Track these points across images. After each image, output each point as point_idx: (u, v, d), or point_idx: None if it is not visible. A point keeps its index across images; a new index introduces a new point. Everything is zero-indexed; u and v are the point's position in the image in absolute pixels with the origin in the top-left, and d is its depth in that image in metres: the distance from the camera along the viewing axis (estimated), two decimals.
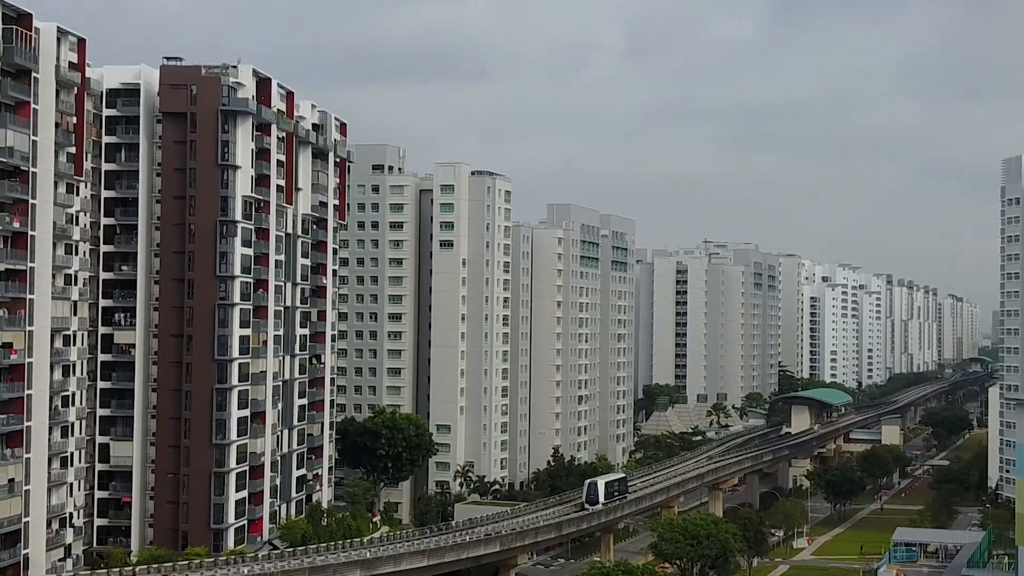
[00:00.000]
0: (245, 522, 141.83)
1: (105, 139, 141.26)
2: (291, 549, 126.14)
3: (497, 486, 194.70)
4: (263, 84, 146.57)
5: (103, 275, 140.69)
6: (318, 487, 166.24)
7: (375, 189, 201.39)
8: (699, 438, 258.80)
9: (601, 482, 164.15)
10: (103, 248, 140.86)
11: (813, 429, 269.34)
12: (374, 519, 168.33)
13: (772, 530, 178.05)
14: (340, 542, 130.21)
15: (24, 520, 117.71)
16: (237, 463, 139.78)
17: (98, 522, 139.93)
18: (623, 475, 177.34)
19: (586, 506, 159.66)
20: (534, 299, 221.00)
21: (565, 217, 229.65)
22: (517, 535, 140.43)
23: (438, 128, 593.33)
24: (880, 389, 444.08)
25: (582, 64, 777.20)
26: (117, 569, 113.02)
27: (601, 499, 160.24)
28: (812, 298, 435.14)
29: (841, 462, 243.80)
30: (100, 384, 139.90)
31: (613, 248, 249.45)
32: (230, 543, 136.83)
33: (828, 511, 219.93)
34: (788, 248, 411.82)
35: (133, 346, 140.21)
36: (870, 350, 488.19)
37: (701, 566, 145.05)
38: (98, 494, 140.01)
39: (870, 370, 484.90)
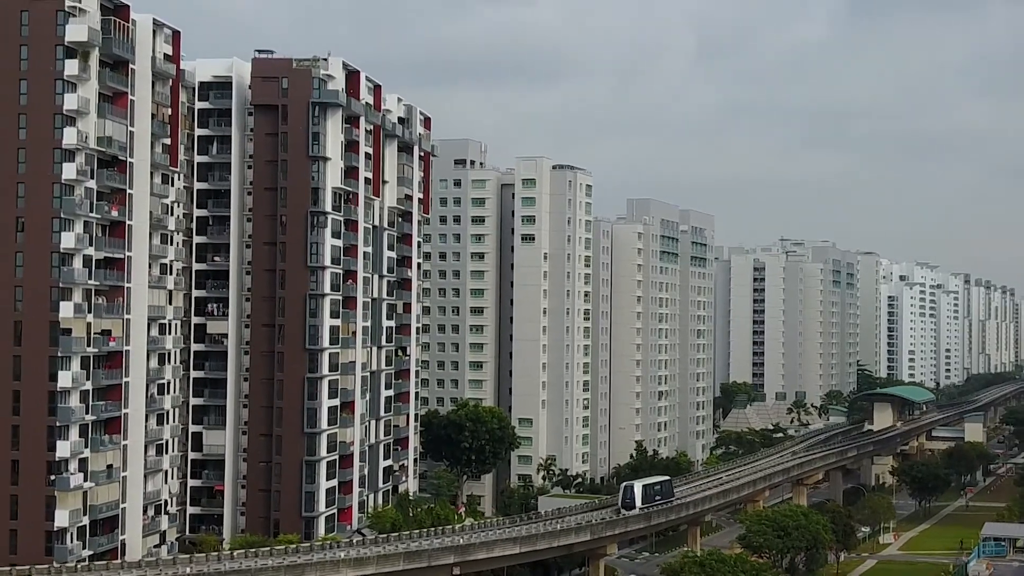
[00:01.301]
0: (335, 511, 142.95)
1: (197, 132, 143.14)
2: (384, 536, 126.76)
3: (579, 479, 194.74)
4: (352, 77, 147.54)
5: (196, 266, 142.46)
6: (404, 478, 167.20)
7: (457, 183, 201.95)
8: (780, 435, 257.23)
9: (638, 485, 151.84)
10: (196, 239, 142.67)
11: (895, 426, 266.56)
12: (459, 511, 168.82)
13: (859, 525, 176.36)
14: (433, 528, 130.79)
15: (122, 506, 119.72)
16: (327, 452, 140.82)
17: (191, 510, 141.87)
18: (666, 478, 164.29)
19: (621, 511, 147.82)
20: (614, 294, 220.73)
21: (644, 212, 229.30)
22: (607, 524, 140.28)
23: (509, 131, 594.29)
24: (958, 389, 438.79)
25: (653, 66, 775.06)
26: (215, 553, 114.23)
27: (638, 503, 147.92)
28: (890, 297, 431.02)
29: (924, 459, 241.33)
30: (193, 373, 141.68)
31: (692, 244, 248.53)
32: (321, 531, 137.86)
33: (912, 508, 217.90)
34: (865, 247, 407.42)
35: (225, 336, 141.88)
36: (947, 350, 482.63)
37: (791, 558, 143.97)
38: (191, 482, 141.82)
39: (947, 370, 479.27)
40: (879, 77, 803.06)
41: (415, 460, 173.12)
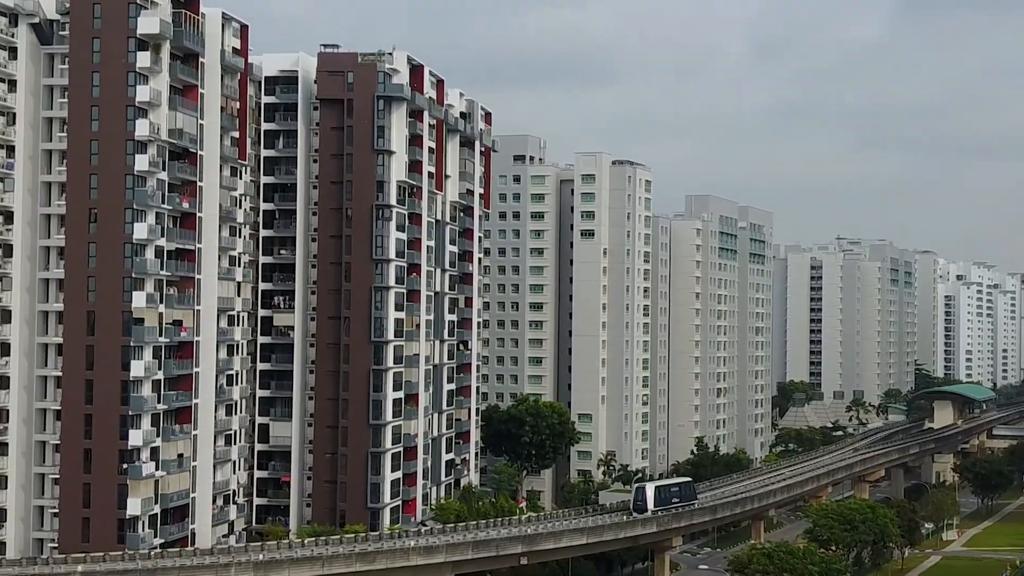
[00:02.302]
0: (400, 502, 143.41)
1: (264, 126, 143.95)
2: (451, 525, 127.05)
3: (639, 475, 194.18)
4: (416, 71, 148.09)
5: (262, 259, 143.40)
6: (466, 472, 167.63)
7: (516, 179, 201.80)
8: (839, 433, 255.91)
9: (651, 487, 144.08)
10: (262, 233, 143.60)
11: (956, 424, 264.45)
12: (520, 504, 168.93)
13: (923, 521, 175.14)
14: (500, 519, 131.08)
15: (192, 495, 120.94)
16: (392, 444, 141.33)
17: (257, 501, 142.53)
18: (687, 479, 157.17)
19: (633, 514, 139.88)
20: (672, 290, 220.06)
21: (703, 208, 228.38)
22: (673, 516, 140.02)
23: (564, 132, 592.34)
24: (1015, 389, 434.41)
25: (707, 67, 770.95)
26: (287, 541, 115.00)
27: (650, 506, 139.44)
28: (947, 296, 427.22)
29: (986, 456, 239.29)
30: (259, 366, 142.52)
31: (751, 240, 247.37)
32: (386, 523, 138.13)
33: (974, 506, 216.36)
34: (921, 247, 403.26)
35: (292, 328, 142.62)
36: (1004, 350, 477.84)
37: (857, 552, 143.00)
38: (257, 473, 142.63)
39: (1004, 370, 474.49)
40: (934, 77, 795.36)
41: (476, 454, 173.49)
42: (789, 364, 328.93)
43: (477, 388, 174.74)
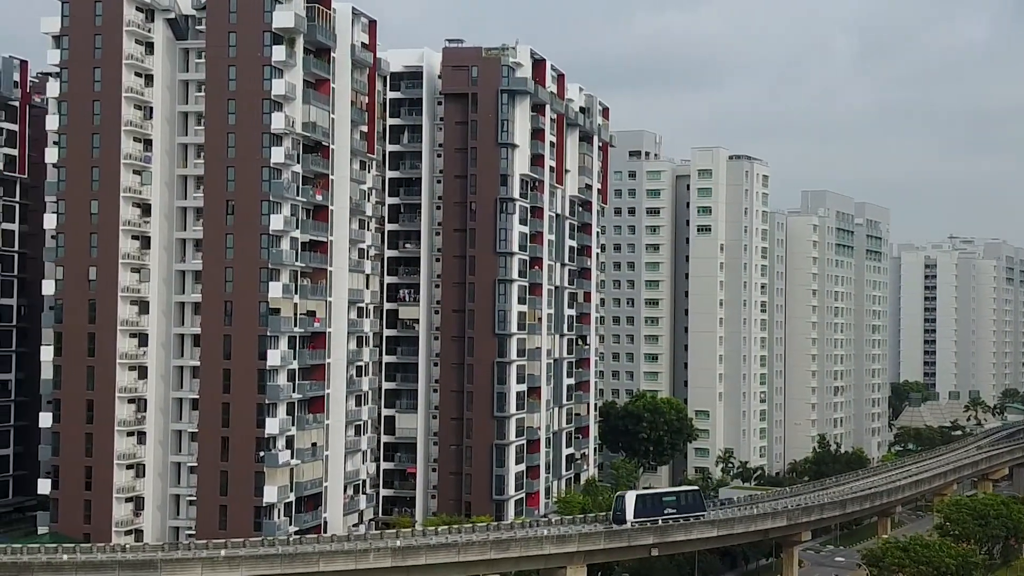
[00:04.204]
0: (523, 495, 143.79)
1: (389, 121, 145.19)
2: (580, 516, 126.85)
3: (759, 472, 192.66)
4: (538, 65, 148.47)
5: (388, 253, 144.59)
6: (585, 466, 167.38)
7: (632, 175, 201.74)
8: (958, 432, 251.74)
9: (631, 496, 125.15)
10: (388, 227, 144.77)
11: None
12: None
13: None
14: None
15: (324, 484, 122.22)
16: (516, 436, 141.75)
17: (383, 492, 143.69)
18: (694, 488, 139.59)
19: (612, 525, 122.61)
20: (788, 287, 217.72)
21: (820, 204, 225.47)
22: (803, 511, 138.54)
23: (670, 133, 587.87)
24: None
25: (812, 67, 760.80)
26: (420, 529, 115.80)
27: (629, 517, 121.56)
28: None
29: None
30: (385, 358, 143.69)
31: (868, 237, 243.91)
32: (510, 515, 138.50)
33: None
34: None
35: (417, 321, 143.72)
36: None
37: (989, 547, 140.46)
38: (384, 465, 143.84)
39: None
40: None
41: (595, 449, 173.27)
42: (902, 364, 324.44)
43: (595, 383, 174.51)
